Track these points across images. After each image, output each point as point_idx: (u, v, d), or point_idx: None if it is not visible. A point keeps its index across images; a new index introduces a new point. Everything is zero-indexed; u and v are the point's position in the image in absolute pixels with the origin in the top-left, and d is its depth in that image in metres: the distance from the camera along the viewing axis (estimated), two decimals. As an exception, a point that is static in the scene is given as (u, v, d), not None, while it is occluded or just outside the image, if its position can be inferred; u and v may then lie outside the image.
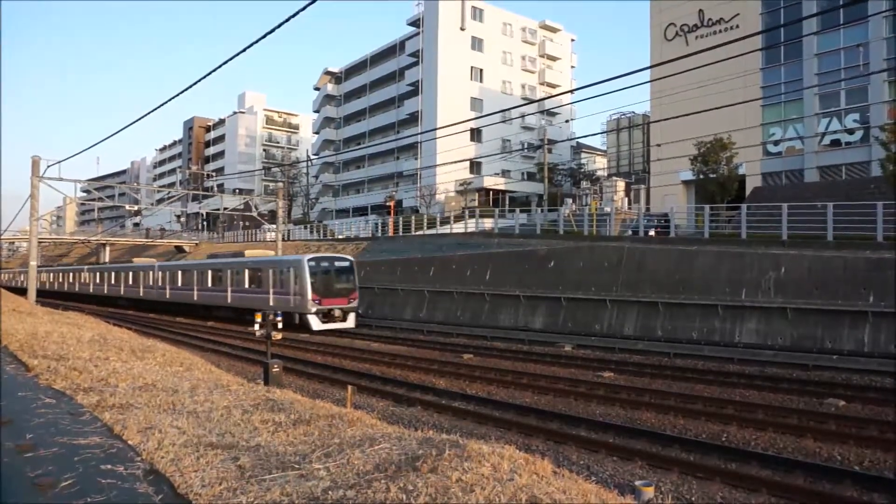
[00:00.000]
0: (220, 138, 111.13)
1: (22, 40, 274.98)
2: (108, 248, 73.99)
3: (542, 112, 68.08)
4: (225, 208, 48.12)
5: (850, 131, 37.41)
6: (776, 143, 40.59)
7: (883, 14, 34.80)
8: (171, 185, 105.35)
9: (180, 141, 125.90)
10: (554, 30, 75.81)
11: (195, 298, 36.12)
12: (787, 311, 19.44)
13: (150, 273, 42.24)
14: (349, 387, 12.59)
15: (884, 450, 9.39)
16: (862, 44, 36.24)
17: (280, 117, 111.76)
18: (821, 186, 35.67)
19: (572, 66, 78.80)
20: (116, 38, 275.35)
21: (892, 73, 34.38)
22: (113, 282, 48.95)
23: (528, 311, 26.35)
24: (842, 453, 9.33)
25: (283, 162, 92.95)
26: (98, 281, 52.64)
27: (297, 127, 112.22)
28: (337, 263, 28.87)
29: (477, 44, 67.67)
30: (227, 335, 27.29)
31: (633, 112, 53.57)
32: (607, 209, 41.91)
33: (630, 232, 31.20)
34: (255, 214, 45.83)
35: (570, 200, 51.10)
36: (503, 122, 60.80)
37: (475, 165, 64.09)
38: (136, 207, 79.66)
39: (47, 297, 54.36)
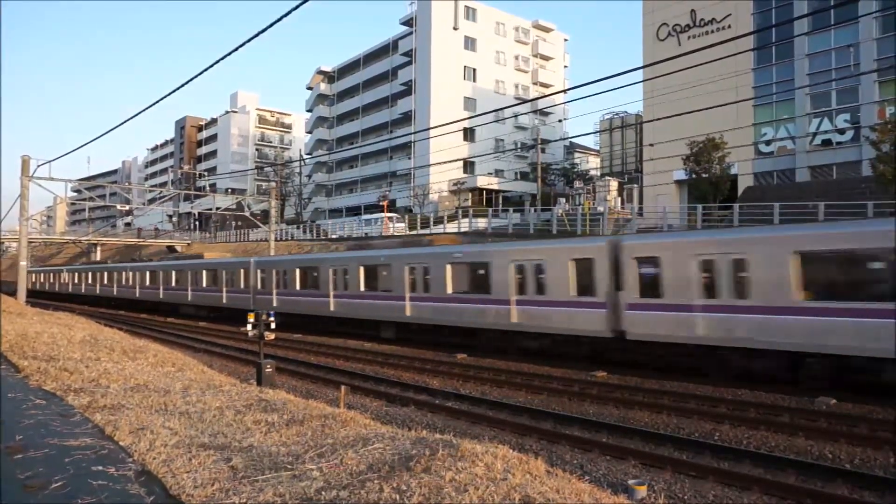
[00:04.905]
0: (213, 138, 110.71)
1: (12, 40, 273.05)
2: (98, 249, 73.66)
3: (535, 112, 68.20)
4: (217, 208, 47.85)
5: (841, 131, 37.66)
6: (768, 142, 40.82)
7: (873, 15, 35.05)
8: (163, 184, 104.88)
9: (172, 140, 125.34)
10: (547, 29, 75.97)
11: (331, 308, 25.11)
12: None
13: (241, 272, 30.22)
14: (342, 387, 12.57)
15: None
16: (852, 44, 36.50)
17: (273, 117, 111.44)
18: (812, 186, 35.90)
19: (565, 66, 79.01)
20: (107, 37, 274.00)
21: (882, 73, 34.64)
22: (175, 283, 36.12)
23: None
24: (833, 451, 9.39)
25: (276, 161, 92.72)
26: (149, 282, 39.22)
27: (289, 126, 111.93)
28: None
29: (470, 43, 67.71)
30: (220, 335, 27.17)
31: (626, 112, 53.80)
32: (600, 209, 42.06)
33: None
34: (247, 214, 45.60)
35: (563, 200, 51.16)
36: (496, 121, 60.90)
37: (468, 165, 64.15)
38: (127, 207, 79.25)
39: (69, 301, 48.57)
